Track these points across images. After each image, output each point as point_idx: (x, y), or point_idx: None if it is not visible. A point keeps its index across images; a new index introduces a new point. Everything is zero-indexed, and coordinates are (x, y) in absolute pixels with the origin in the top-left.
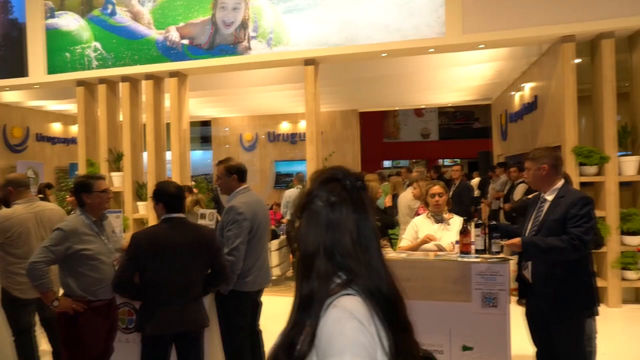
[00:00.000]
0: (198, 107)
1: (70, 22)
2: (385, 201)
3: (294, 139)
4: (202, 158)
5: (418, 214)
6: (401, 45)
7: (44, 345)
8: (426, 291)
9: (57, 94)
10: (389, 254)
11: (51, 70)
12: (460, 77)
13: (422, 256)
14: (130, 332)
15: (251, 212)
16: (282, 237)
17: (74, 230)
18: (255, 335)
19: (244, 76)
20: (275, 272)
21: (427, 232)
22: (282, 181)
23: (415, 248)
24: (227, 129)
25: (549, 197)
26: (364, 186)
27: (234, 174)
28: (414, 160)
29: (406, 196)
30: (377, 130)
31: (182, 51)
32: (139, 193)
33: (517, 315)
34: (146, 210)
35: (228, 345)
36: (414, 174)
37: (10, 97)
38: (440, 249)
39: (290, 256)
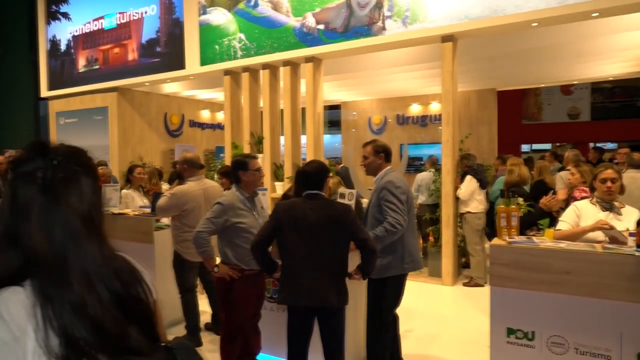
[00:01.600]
0: (329, 92)
1: (219, 16)
2: (559, 194)
3: (424, 121)
4: (330, 142)
5: (574, 198)
6: (558, 12)
7: (205, 307)
8: (592, 288)
9: (207, 84)
10: (545, 242)
11: (203, 62)
12: (628, 45)
13: (586, 247)
14: (274, 302)
15: (405, 187)
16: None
17: (231, 204)
18: (395, 319)
19: (376, 58)
20: None
21: (592, 220)
22: (411, 165)
23: (577, 235)
24: (354, 112)
25: None
26: (64, 168)
27: (382, 153)
28: (557, 144)
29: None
30: (515, 111)
31: (317, 36)
32: (276, 174)
33: None
34: (283, 190)
35: (373, 326)
36: (566, 155)
37: (170, 88)
38: (617, 239)
39: (420, 240)
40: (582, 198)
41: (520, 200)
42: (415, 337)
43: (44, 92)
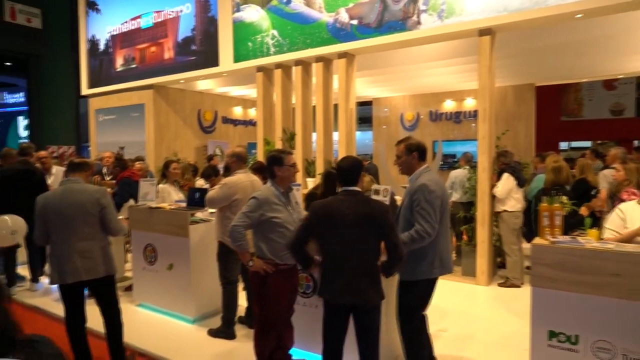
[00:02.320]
0: (361, 88)
1: (252, 14)
2: (602, 193)
3: (458, 117)
4: (360, 139)
5: (621, 200)
6: (605, 2)
7: (241, 301)
8: None
9: (240, 80)
10: (591, 243)
11: (237, 59)
12: None
13: (638, 249)
14: (308, 297)
15: (441, 191)
16: None
17: (266, 199)
18: (424, 319)
19: (409, 53)
20: None
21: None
22: (444, 162)
23: (627, 239)
24: (386, 109)
25: None
26: None
27: (415, 151)
28: (598, 142)
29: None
30: (554, 107)
31: (351, 32)
32: (308, 170)
33: None
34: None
35: (404, 327)
36: (613, 152)
37: (204, 85)
38: None
39: (454, 239)
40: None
41: (565, 198)
42: (449, 337)
43: (84, 90)
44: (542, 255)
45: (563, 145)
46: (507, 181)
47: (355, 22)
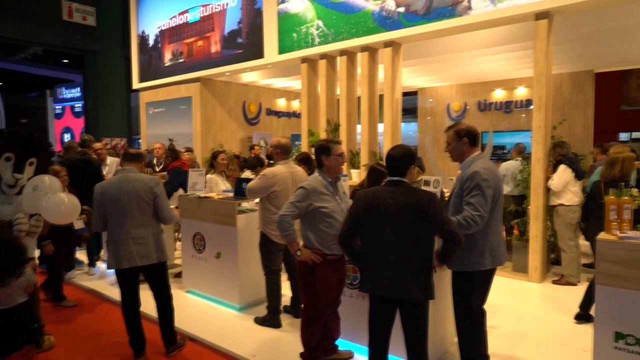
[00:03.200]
0: (406, 78)
1: (297, 4)
2: None
3: (508, 107)
4: (404, 130)
5: None
6: None
7: (286, 290)
8: None
9: (284, 72)
10: None
11: (281, 50)
12: None
13: None
14: (355, 288)
15: (494, 180)
16: None
17: (314, 189)
18: (484, 314)
19: (458, 40)
20: None
21: None
22: (493, 153)
23: None
24: (431, 100)
25: None
26: None
27: (465, 136)
28: None
29: None
30: (614, 96)
31: (397, 20)
32: (352, 161)
33: None
34: (358, 178)
35: (462, 322)
36: None
37: (249, 77)
38: None
39: (504, 233)
40: None
41: (635, 191)
42: (501, 335)
43: (135, 84)
44: (608, 252)
45: (623, 136)
46: (563, 173)
47: (402, 9)
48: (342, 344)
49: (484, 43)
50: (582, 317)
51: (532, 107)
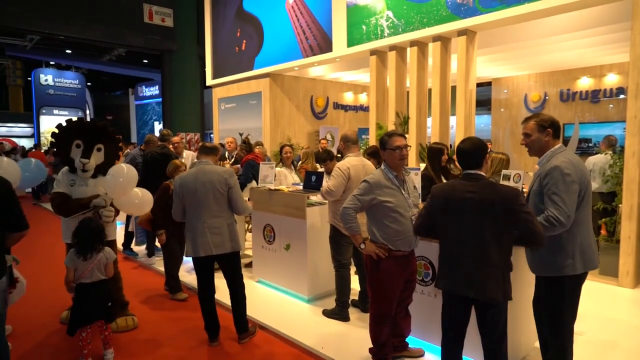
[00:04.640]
0: (479, 68)
1: None
2: None
3: (596, 96)
4: (476, 123)
5: None
6: None
7: (355, 284)
8: None
9: (352, 65)
10: None
11: (350, 43)
12: None
13: None
14: (426, 285)
15: (579, 174)
16: None
17: (378, 182)
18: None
19: (539, 26)
20: None
21: None
22: (578, 147)
23: None
24: (506, 90)
25: None
26: None
27: (549, 128)
28: None
29: None
30: None
31: (473, 6)
32: (422, 155)
33: None
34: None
35: (550, 329)
36: None
37: (316, 72)
38: None
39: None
40: None
41: None
42: (587, 342)
43: (209, 81)
44: None
45: None
46: None
47: None
48: (412, 341)
49: (570, 27)
50: None
51: (622, 96)
